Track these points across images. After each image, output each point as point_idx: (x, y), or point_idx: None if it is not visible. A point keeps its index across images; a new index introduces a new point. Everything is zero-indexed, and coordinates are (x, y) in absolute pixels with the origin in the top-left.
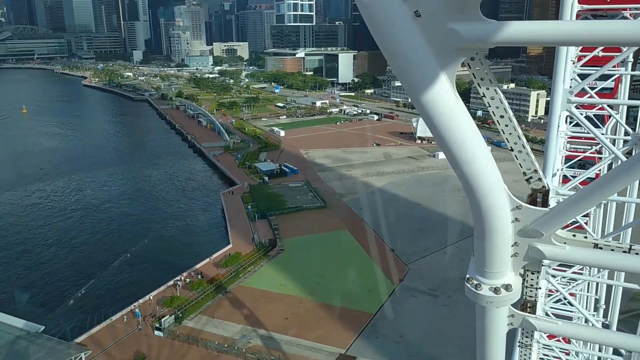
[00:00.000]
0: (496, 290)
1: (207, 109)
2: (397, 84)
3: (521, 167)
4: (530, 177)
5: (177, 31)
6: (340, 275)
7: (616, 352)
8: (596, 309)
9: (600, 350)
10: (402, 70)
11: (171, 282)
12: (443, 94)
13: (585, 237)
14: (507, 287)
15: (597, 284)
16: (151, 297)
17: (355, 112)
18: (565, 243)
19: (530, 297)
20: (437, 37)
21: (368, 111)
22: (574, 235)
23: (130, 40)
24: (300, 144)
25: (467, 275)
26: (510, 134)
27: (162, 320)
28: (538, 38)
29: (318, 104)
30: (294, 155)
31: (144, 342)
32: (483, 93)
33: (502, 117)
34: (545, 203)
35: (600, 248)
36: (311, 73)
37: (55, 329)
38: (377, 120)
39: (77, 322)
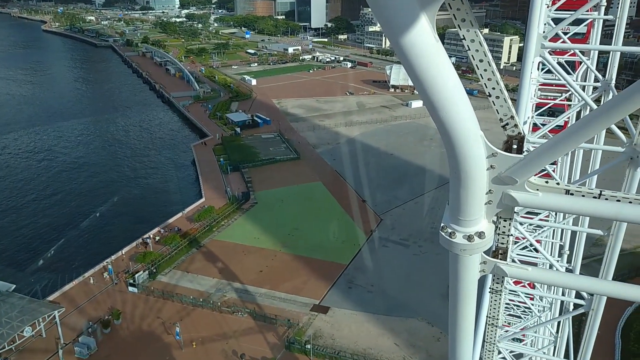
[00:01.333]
0: (470, 238)
1: (175, 56)
2: (371, 29)
3: (498, 112)
4: (507, 124)
5: None
6: (314, 227)
7: (578, 295)
8: (560, 255)
9: (563, 294)
10: (381, 10)
11: (140, 240)
12: (423, 36)
13: (558, 184)
14: (481, 235)
15: (562, 230)
16: (123, 253)
17: (328, 60)
18: (537, 190)
19: (502, 244)
20: None
21: (341, 58)
22: (547, 182)
23: None
24: (272, 93)
25: (442, 224)
26: (489, 79)
27: (136, 276)
28: None
29: (290, 50)
30: (266, 105)
31: (119, 298)
32: (463, 35)
33: (481, 61)
34: (520, 150)
35: (572, 194)
36: (283, 17)
37: (27, 288)
38: (350, 67)
39: (48, 280)
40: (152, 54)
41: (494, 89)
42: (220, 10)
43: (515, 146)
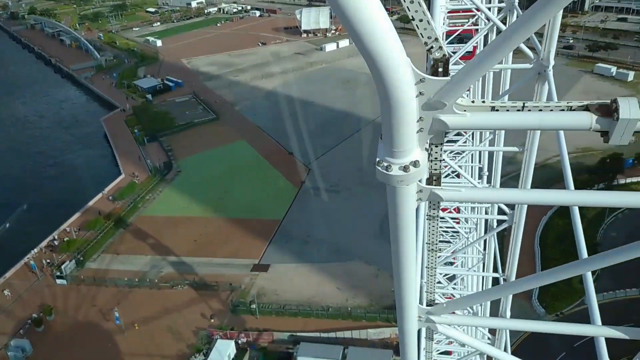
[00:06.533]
0: (405, 168)
1: (68, 25)
2: None
3: (422, 36)
4: (432, 47)
5: None
6: (244, 186)
7: (501, 212)
8: (480, 177)
9: (487, 213)
10: None
11: (45, 243)
12: None
13: (484, 102)
14: (415, 164)
15: (480, 153)
16: (38, 250)
17: (235, 10)
18: (465, 111)
19: (435, 170)
20: None
21: (249, 7)
22: (473, 102)
23: None
24: (180, 52)
25: (377, 159)
26: (411, 2)
27: (62, 267)
28: None
29: (194, 4)
30: (175, 66)
31: (47, 293)
32: None
33: None
34: (446, 72)
35: (497, 110)
36: None
37: None
38: (259, 16)
39: None
40: (42, 25)
41: (416, 11)
42: None
43: (441, 69)
